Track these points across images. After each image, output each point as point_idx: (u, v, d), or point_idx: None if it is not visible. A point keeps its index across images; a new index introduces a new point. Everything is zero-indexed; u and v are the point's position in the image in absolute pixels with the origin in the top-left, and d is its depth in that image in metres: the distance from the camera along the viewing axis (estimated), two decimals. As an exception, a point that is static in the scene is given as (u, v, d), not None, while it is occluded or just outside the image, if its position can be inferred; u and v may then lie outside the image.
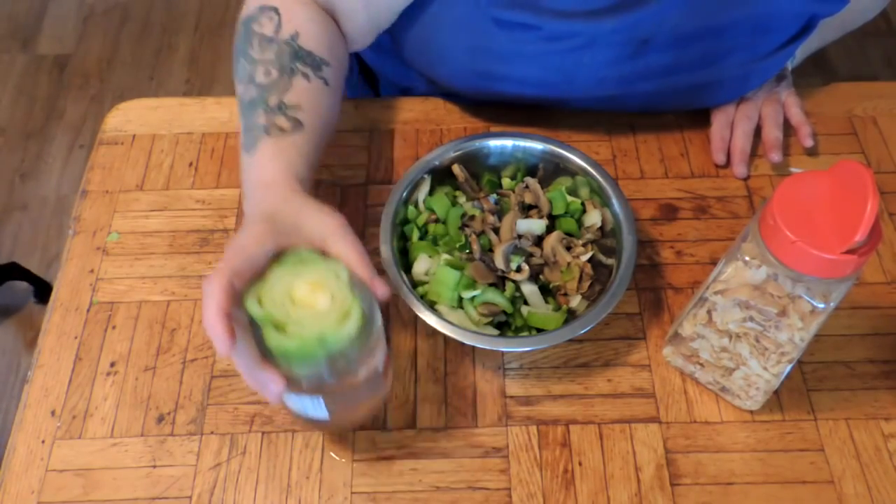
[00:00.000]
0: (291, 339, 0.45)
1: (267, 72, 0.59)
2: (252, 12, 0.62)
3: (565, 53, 0.65)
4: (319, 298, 0.46)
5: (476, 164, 0.68)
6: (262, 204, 0.52)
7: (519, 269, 0.61)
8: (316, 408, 0.50)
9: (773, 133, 0.73)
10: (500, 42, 0.66)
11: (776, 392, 0.60)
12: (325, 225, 0.50)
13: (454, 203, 0.66)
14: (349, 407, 0.53)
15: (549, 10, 0.63)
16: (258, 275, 0.48)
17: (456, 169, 0.66)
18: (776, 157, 0.72)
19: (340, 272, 0.47)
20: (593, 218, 0.65)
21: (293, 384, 0.47)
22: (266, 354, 0.46)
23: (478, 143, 0.67)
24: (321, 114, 0.60)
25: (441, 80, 0.74)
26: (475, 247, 0.62)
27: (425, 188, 0.66)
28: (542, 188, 0.66)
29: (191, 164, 0.75)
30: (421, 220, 0.65)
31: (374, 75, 0.92)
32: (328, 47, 0.63)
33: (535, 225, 0.64)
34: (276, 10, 0.62)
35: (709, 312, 0.54)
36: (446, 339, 0.63)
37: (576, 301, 0.61)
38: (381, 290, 0.48)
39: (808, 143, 0.73)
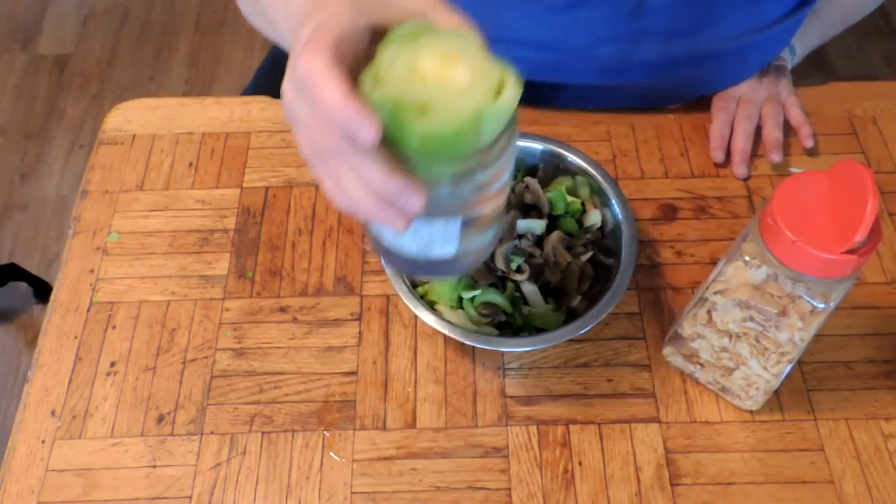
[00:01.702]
0: (443, 120, 0.34)
1: None
2: None
3: (560, 12, 0.66)
4: (456, 72, 0.35)
5: (476, 164, 0.68)
6: None
7: (519, 269, 0.61)
8: (446, 237, 0.41)
9: (773, 133, 0.73)
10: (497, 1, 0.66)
11: (776, 392, 0.60)
12: None
13: (454, 203, 0.66)
14: (476, 237, 0.44)
15: None
16: (359, 60, 0.36)
17: (456, 169, 0.66)
18: (776, 157, 0.72)
19: (470, 41, 0.37)
20: (593, 218, 0.65)
21: (427, 204, 0.37)
22: (398, 158, 0.36)
23: (478, 143, 0.67)
24: None
25: None
26: (475, 247, 0.62)
27: (425, 188, 0.66)
28: (542, 188, 0.66)
29: (191, 164, 0.75)
30: (421, 220, 0.65)
31: None
32: None
33: (535, 225, 0.64)
34: None
35: (709, 312, 0.54)
36: (446, 339, 0.63)
37: (576, 301, 0.61)
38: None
39: (808, 143, 0.73)
